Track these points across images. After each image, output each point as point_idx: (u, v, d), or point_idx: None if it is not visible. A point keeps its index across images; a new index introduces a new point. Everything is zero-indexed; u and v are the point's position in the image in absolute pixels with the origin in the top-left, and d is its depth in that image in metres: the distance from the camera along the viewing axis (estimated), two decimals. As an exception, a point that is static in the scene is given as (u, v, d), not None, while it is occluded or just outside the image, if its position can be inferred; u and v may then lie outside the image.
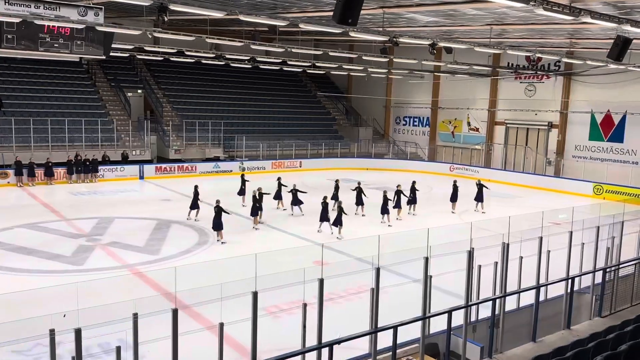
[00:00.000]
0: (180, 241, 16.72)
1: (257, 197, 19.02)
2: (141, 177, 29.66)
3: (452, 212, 21.99)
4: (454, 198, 22.34)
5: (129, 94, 35.58)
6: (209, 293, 7.04)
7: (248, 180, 23.41)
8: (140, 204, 23.08)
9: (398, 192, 20.63)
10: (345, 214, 17.82)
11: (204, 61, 31.27)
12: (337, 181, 22.80)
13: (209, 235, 17.44)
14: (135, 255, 15.16)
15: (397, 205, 20.53)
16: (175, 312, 6.07)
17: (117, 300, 6.86)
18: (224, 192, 25.93)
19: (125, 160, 30.10)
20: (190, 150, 33.24)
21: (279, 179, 22.63)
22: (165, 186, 27.63)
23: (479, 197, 22.34)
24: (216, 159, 33.07)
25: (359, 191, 21.25)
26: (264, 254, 7.62)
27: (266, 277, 6.69)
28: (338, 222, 17.50)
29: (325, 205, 18.22)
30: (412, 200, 21.47)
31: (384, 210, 19.67)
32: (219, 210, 16.77)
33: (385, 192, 20.04)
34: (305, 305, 6.85)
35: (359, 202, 21.17)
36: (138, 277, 13.25)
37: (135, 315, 5.89)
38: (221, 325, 6.37)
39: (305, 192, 21.22)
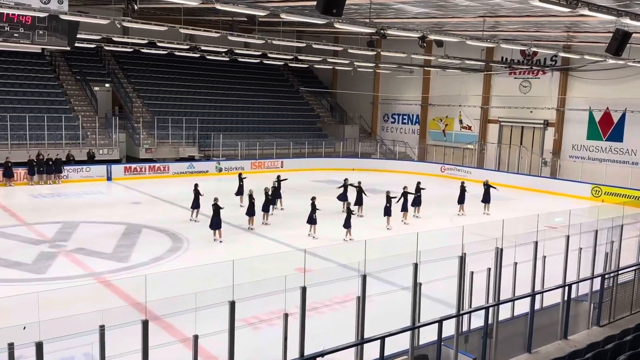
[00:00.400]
0: (152, 247, 16.61)
1: (276, 186, 21.03)
2: (109, 178, 29.39)
3: (459, 214, 22.42)
4: (461, 200, 22.73)
5: (96, 88, 35.23)
6: (183, 303, 7.00)
7: (245, 177, 24.01)
8: (108, 207, 22.89)
9: (405, 194, 20.80)
10: (354, 213, 18.54)
11: (177, 53, 31.11)
12: (345, 180, 23.18)
13: (182, 241, 17.35)
14: (102, 262, 15.02)
15: (404, 208, 20.72)
16: (145, 324, 6.03)
17: (82, 311, 6.78)
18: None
19: (91, 160, 29.80)
20: (162, 149, 33.01)
21: (278, 177, 23.22)
22: (135, 188, 27.41)
23: (487, 199, 22.84)
24: (191, 159, 32.90)
25: (359, 190, 21.74)
26: (242, 261, 7.60)
27: (244, 285, 6.68)
28: (347, 225, 17.87)
29: (313, 206, 18.36)
30: (416, 202, 21.77)
31: (387, 212, 19.78)
32: (216, 209, 17.24)
33: (388, 192, 20.15)
34: (286, 315, 6.84)
35: (359, 202, 21.57)
36: (105, 286, 13.13)
37: (102, 328, 5.84)
38: (195, 337, 6.34)
39: (286, 179, 22.54)
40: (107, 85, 36.69)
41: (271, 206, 20.61)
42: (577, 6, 12.67)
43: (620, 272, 10.79)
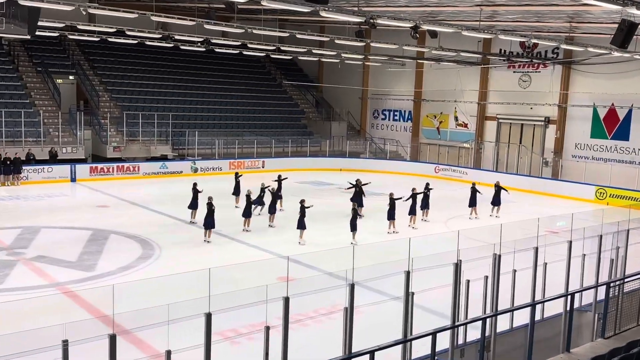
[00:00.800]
0: (120, 255, 16.51)
1: (279, 184, 21.97)
2: (73, 179, 29.16)
3: (471, 218, 22.98)
4: (472, 203, 23.20)
5: (59, 81, 34.93)
6: (154, 315, 6.95)
7: (241, 176, 24.52)
8: (72, 211, 22.72)
9: (414, 196, 21.20)
10: (361, 215, 19.47)
11: (148, 42, 30.89)
12: (357, 180, 23.48)
13: (153, 248, 17.26)
14: (65, 271, 14.89)
15: (412, 211, 21.09)
16: (113, 338, 6.00)
17: (43, 325, 6.72)
18: (172, 197, 25.73)
19: (53, 160, 29.53)
20: (131, 147, 32.81)
21: (279, 176, 23.96)
22: (101, 190, 27.23)
23: (496, 201, 23.49)
24: (163, 158, 32.74)
25: (359, 191, 22.35)
26: (220, 269, 7.56)
27: (222, 296, 6.66)
28: (353, 227, 18.35)
29: (302, 210, 18.49)
30: (425, 204, 22.27)
31: (391, 216, 20.02)
32: (210, 209, 17.96)
33: (391, 194, 20.40)
34: (267, 328, 6.83)
35: (359, 203, 21.98)
36: (69, 297, 13.01)
37: (66, 343, 5.79)
38: (168, 353, 6.31)
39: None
40: (71, 77, 36.38)
41: (276, 205, 21.41)
42: (581, -5, 12.83)
43: (626, 280, 10.90)
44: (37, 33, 26.53)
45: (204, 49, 31.08)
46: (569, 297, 9.87)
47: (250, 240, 18.61)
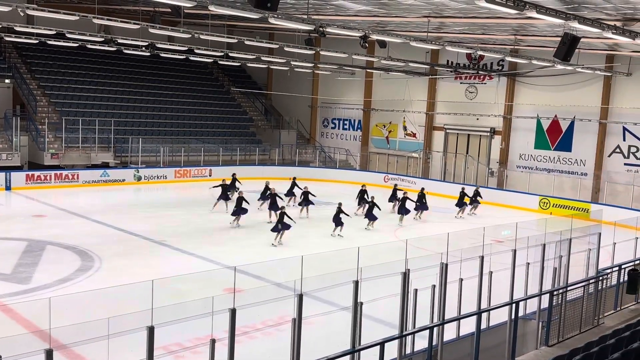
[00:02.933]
0: (57, 267, 16.08)
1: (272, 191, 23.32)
2: (7, 188, 28.24)
3: (457, 217, 26.30)
4: (460, 204, 26.46)
5: (-6, 84, 33.76)
6: (93, 329, 6.76)
7: (239, 181, 26.38)
8: (6, 221, 22.03)
9: (404, 199, 24.17)
10: (347, 214, 21.16)
11: (90, 46, 30.22)
12: (363, 186, 26.27)
13: (93, 259, 16.84)
14: (-2, 284, 14.36)
15: (402, 211, 24.00)
16: (49, 354, 5.85)
17: (-27, 341, 6.45)
18: (114, 206, 25.17)
19: (-13, 167, 28.49)
20: (71, 154, 31.97)
21: (293, 178, 27.37)
22: (38, 199, 26.49)
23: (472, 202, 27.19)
24: (104, 166, 32.03)
25: (362, 192, 25.34)
26: (163, 281, 7.42)
27: (165, 308, 6.56)
28: (339, 222, 20.72)
29: (282, 214, 19.41)
30: (420, 207, 25.23)
31: (371, 217, 22.33)
32: (240, 200, 20.43)
33: (372, 198, 23.25)
34: (213, 341, 6.77)
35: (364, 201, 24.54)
36: (3, 311, 12.61)
37: (-2, 359, 5.60)
38: (108, 368, 6.16)
39: (315, 196, 24.71)
40: (7, 81, 35.21)
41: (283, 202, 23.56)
42: (525, 8, 13.28)
43: (569, 288, 11.29)
44: (-29, 33, 25.64)
45: (148, 54, 30.62)
46: (514, 305, 10.15)
47: (196, 251, 18.38)
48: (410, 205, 24.38)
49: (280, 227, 19.09)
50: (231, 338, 6.93)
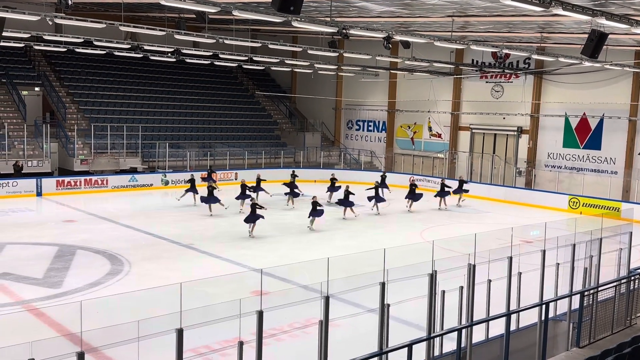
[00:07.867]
0: (88, 271, 16.28)
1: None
2: (39, 194, 28.70)
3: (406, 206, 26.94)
4: (412, 197, 26.81)
5: (24, 93, 34.41)
6: (124, 332, 6.86)
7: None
8: (38, 227, 22.34)
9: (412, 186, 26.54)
10: (353, 193, 23.79)
11: (117, 53, 30.69)
12: (378, 180, 27.64)
13: (123, 263, 17.04)
14: (31, 289, 14.61)
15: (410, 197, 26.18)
16: (81, 356, 5.92)
17: (9, 344, 6.58)
18: (142, 210, 25.47)
19: (18, 173, 29.02)
20: (99, 160, 32.43)
21: (293, 171, 27.95)
22: (68, 204, 26.85)
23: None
24: (133, 171, 32.42)
25: (377, 188, 26.13)
26: (191, 284, 7.46)
27: (194, 311, 6.60)
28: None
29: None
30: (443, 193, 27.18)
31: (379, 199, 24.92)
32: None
33: (377, 182, 26.04)
34: (241, 343, 6.79)
35: (378, 199, 25.63)
36: (35, 315, 12.75)
37: (31, 362, 5.69)
38: (139, 370, 6.23)
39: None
40: (37, 89, 35.88)
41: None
42: (551, 5, 13.11)
43: (600, 288, 11.10)
44: (2, 44, 26.20)
45: (174, 60, 30.95)
46: (544, 306, 10.01)
47: (223, 254, 18.50)
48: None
49: (252, 218, 20.18)
50: (259, 340, 6.95)
